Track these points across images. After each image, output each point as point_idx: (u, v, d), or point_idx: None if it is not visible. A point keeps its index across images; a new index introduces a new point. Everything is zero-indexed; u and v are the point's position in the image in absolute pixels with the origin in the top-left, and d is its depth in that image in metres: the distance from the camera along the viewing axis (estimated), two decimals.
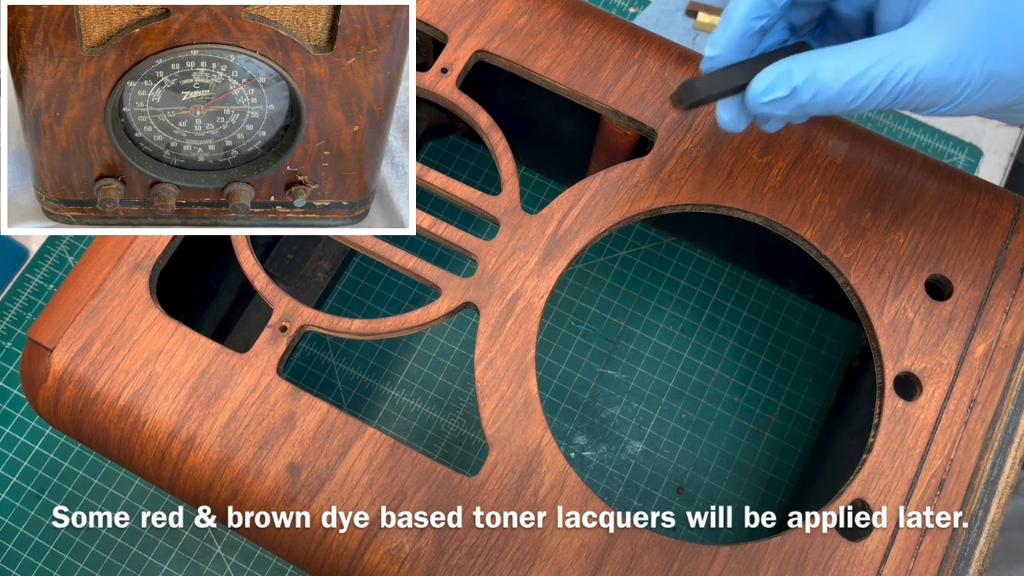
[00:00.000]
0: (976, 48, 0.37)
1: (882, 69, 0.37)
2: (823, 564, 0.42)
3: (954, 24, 0.37)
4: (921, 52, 0.37)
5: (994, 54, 0.37)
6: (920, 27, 0.37)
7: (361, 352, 0.64)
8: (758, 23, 0.39)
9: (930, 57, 0.37)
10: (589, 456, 0.61)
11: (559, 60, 0.51)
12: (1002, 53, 0.37)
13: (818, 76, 0.38)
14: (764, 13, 0.39)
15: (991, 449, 0.44)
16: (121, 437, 0.45)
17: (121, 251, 0.47)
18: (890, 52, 0.37)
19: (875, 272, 0.47)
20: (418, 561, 0.42)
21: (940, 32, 0.37)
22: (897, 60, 0.37)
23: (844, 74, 0.37)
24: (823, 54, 0.38)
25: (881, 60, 0.37)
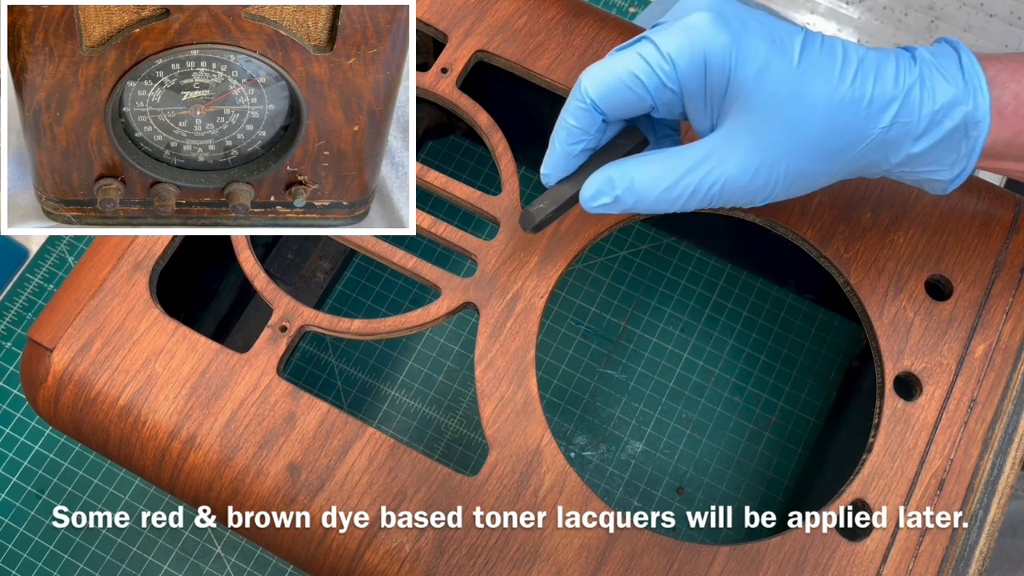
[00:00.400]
0: (775, 156, 0.40)
1: (691, 180, 0.40)
2: (823, 564, 0.42)
3: (751, 135, 0.40)
4: (724, 164, 0.40)
5: (793, 157, 0.40)
6: (722, 139, 0.40)
7: (361, 352, 0.64)
8: (577, 147, 0.42)
9: (733, 169, 0.40)
10: (589, 456, 0.61)
11: (559, 60, 0.51)
12: (800, 154, 0.40)
13: (635, 187, 0.41)
14: (579, 139, 0.42)
15: (991, 449, 0.44)
16: (121, 437, 0.45)
17: (121, 251, 0.47)
18: (697, 164, 0.40)
19: (875, 272, 0.47)
20: (418, 561, 0.42)
21: (739, 145, 0.40)
22: (704, 171, 0.40)
23: (658, 184, 0.41)
24: (640, 163, 0.41)
25: (689, 172, 0.40)
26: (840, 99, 0.39)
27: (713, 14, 0.39)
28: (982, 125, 0.40)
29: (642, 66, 0.40)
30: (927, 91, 0.40)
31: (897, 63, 0.40)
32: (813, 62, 0.39)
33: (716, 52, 0.39)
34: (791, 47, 0.39)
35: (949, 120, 0.40)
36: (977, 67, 0.40)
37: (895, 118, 0.40)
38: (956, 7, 0.77)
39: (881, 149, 0.41)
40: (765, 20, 0.40)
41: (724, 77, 0.39)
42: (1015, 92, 0.40)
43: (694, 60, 0.39)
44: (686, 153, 0.41)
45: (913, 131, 0.40)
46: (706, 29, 0.39)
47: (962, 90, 0.40)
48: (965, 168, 0.42)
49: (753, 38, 0.39)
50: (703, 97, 0.40)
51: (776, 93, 0.39)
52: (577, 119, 0.42)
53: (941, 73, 0.40)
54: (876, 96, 0.39)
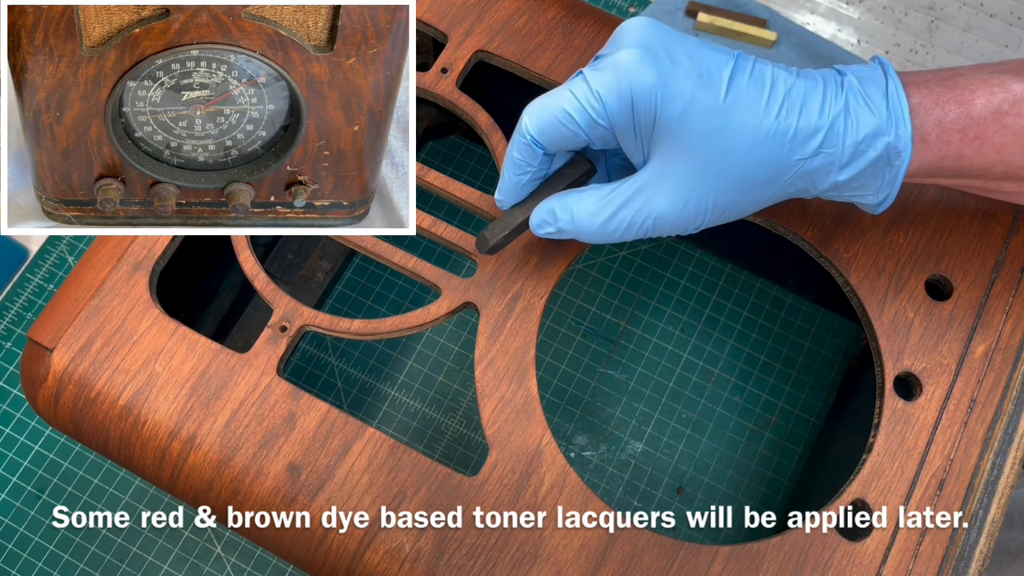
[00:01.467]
0: (703, 190, 0.41)
1: (625, 215, 0.42)
2: (823, 564, 0.42)
3: (679, 171, 0.41)
4: (654, 200, 0.41)
5: (720, 189, 0.41)
6: (650, 175, 0.42)
7: (361, 352, 0.64)
8: (524, 177, 0.44)
9: (663, 204, 0.41)
10: (589, 456, 0.61)
11: (559, 60, 0.51)
12: (727, 186, 0.41)
13: (575, 219, 0.43)
14: (524, 171, 0.44)
15: (991, 449, 0.44)
16: (121, 437, 0.45)
17: (121, 251, 0.47)
18: (628, 199, 0.42)
19: (875, 272, 0.47)
20: (418, 561, 0.42)
21: (667, 181, 0.41)
22: (636, 207, 0.42)
23: (595, 219, 0.42)
24: (579, 198, 0.43)
25: (623, 207, 0.42)
26: (765, 132, 0.40)
27: (641, 51, 0.40)
28: (904, 155, 0.41)
29: (574, 103, 0.41)
30: (851, 121, 0.41)
31: (824, 92, 0.41)
32: (739, 96, 0.40)
33: (642, 90, 0.40)
34: (718, 81, 0.40)
35: (872, 150, 0.41)
36: (902, 96, 0.41)
37: (819, 148, 0.41)
38: (956, 7, 0.77)
39: (807, 178, 0.41)
40: (696, 52, 0.41)
41: (651, 115, 0.40)
42: (938, 119, 0.41)
43: (622, 98, 0.40)
44: (620, 189, 0.42)
45: (837, 161, 0.41)
46: (633, 67, 0.40)
47: (885, 120, 0.41)
48: (890, 194, 0.43)
49: (680, 75, 0.40)
50: (633, 133, 0.41)
51: (701, 130, 0.40)
52: (520, 153, 0.43)
53: (866, 102, 0.41)
54: (800, 128, 0.40)
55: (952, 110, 0.41)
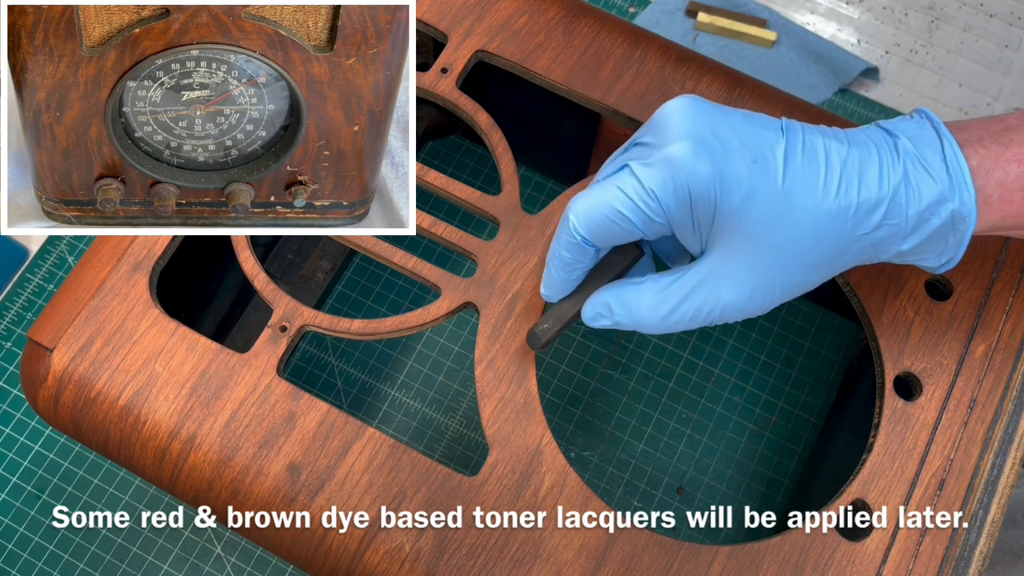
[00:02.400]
0: (769, 277, 0.40)
1: (689, 308, 0.41)
2: (823, 564, 0.42)
3: (743, 261, 0.40)
4: (720, 291, 0.40)
5: (787, 275, 0.40)
6: (714, 266, 0.40)
7: (361, 352, 0.64)
8: (574, 274, 0.43)
9: (729, 295, 0.40)
10: (589, 456, 0.61)
11: (559, 60, 0.51)
12: (792, 271, 0.40)
13: (634, 314, 0.42)
14: (574, 268, 0.43)
15: (991, 449, 0.44)
16: (121, 437, 0.45)
17: (121, 251, 0.47)
18: (691, 292, 0.41)
19: (875, 272, 0.47)
20: (418, 561, 0.42)
21: (732, 271, 0.40)
22: (700, 299, 0.41)
23: (657, 312, 0.41)
24: (636, 291, 0.42)
25: (685, 300, 0.41)
26: (827, 212, 0.39)
27: (694, 143, 0.39)
28: (969, 220, 0.40)
29: (627, 202, 0.40)
30: (912, 191, 0.40)
31: (880, 161, 0.40)
32: (797, 177, 0.39)
33: (700, 186, 0.39)
34: (774, 164, 0.39)
35: (936, 218, 0.40)
36: (961, 159, 0.40)
37: (882, 221, 0.40)
38: (956, 7, 0.77)
39: (871, 250, 0.41)
40: (745, 133, 0.40)
41: (711, 208, 0.39)
42: (999, 180, 0.40)
43: (679, 194, 0.39)
44: (680, 281, 0.41)
45: (901, 231, 0.40)
46: (688, 162, 0.39)
47: (947, 187, 0.40)
48: (954, 257, 0.42)
49: (736, 163, 0.39)
50: (691, 226, 0.40)
51: (763, 218, 0.39)
52: (570, 252, 0.42)
53: (925, 168, 0.40)
54: (862, 203, 0.39)
55: (1013, 169, 0.40)
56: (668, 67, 0.51)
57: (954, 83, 0.74)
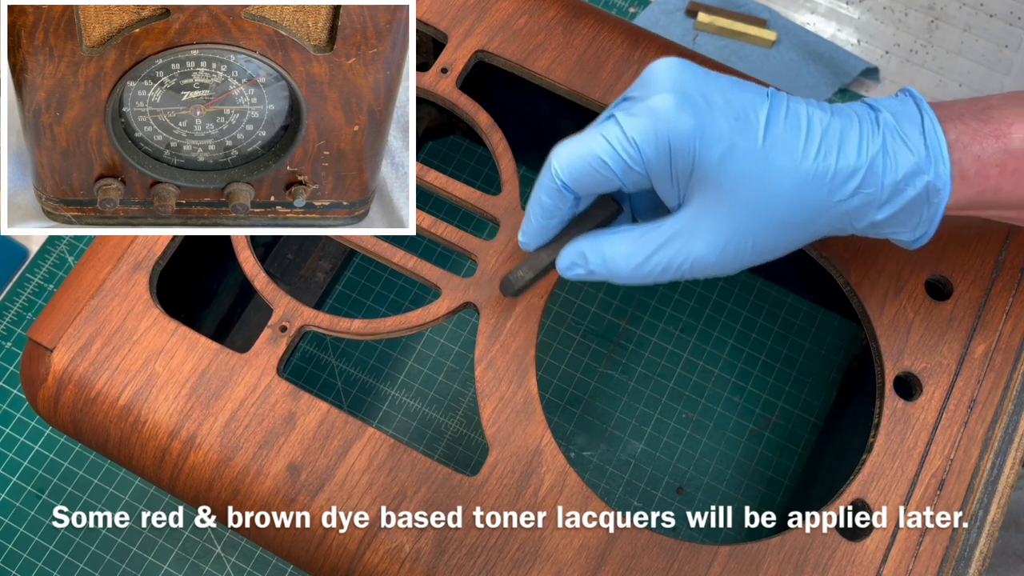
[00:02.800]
0: (742, 234, 0.41)
1: (661, 259, 0.41)
2: (823, 564, 0.42)
3: (717, 216, 0.40)
4: (692, 244, 0.41)
5: (759, 233, 0.41)
6: (689, 219, 0.41)
7: (361, 352, 0.64)
8: (552, 221, 0.43)
9: (701, 248, 0.41)
10: (589, 456, 0.61)
11: (559, 60, 0.51)
12: (765, 230, 0.41)
13: (608, 263, 0.42)
14: (553, 215, 0.43)
15: (991, 449, 0.44)
16: (121, 437, 0.45)
17: (121, 251, 0.47)
18: (665, 243, 0.41)
19: (875, 272, 0.47)
20: (418, 561, 0.42)
21: (706, 225, 0.41)
22: (673, 251, 0.41)
23: (629, 262, 0.42)
24: (611, 240, 0.42)
25: (658, 251, 0.41)
26: (804, 174, 0.40)
27: (677, 96, 0.40)
28: (943, 192, 0.41)
29: (608, 149, 0.40)
30: (889, 160, 0.40)
31: (861, 131, 0.40)
32: (777, 139, 0.40)
33: (680, 137, 0.39)
34: (756, 124, 0.40)
35: (911, 189, 0.40)
36: (939, 133, 0.40)
37: (858, 189, 0.40)
38: (956, 7, 0.77)
39: (845, 218, 0.41)
40: (730, 93, 0.40)
41: (689, 161, 0.40)
42: (976, 154, 0.41)
43: (659, 145, 0.40)
44: (655, 232, 0.42)
45: (876, 200, 0.41)
46: (670, 113, 0.39)
47: (924, 158, 0.40)
48: (928, 231, 0.42)
49: (718, 119, 0.39)
50: (670, 178, 0.41)
51: (740, 175, 0.40)
52: (550, 197, 0.42)
53: (903, 140, 0.40)
54: (840, 169, 0.40)
55: (990, 145, 0.41)
56: None
57: (954, 83, 0.74)
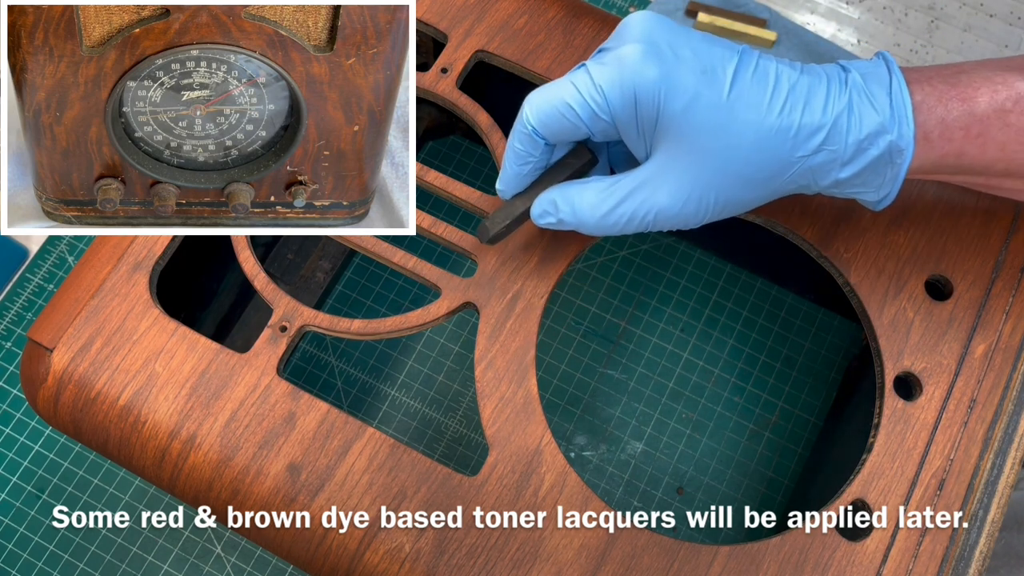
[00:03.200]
0: (704, 186, 0.41)
1: (626, 209, 0.42)
2: (823, 564, 0.42)
3: (680, 167, 0.41)
4: (656, 195, 0.42)
5: (722, 187, 0.41)
6: (652, 170, 0.42)
7: (361, 352, 0.64)
8: (525, 167, 0.44)
9: (664, 200, 0.42)
10: (589, 456, 0.61)
11: (559, 60, 0.51)
12: (728, 183, 0.41)
13: (576, 211, 0.43)
14: (526, 161, 0.44)
15: (991, 449, 0.44)
16: (121, 437, 0.45)
17: (121, 251, 0.47)
18: (630, 193, 0.42)
19: (875, 272, 0.47)
20: (418, 561, 0.42)
21: (669, 176, 0.41)
22: (638, 201, 0.42)
23: (596, 211, 0.42)
24: (580, 190, 0.43)
25: (623, 201, 0.42)
26: (768, 129, 0.40)
27: (645, 46, 0.40)
28: (906, 153, 0.41)
29: (576, 96, 0.41)
30: (854, 119, 0.40)
31: (828, 89, 0.41)
32: (743, 92, 0.40)
33: (645, 86, 0.40)
34: (722, 77, 0.40)
35: (874, 148, 0.41)
36: (905, 94, 0.41)
37: (822, 145, 0.40)
38: (956, 7, 0.77)
39: (808, 175, 0.42)
40: (700, 47, 0.41)
41: (654, 110, 0.40)
42: (941, 116, 0.41)
43: (624, 93, 0.40)
44: (621, 183, 0.42)
45: (840, 158, 0.41)
46: (636, 63, 0.40)
47: (888, 118, 0.41)
48: (891, 191, 0.43)
49: (684, 71, 0.40)
50: (635, 128, 0.41)
51: (704, 126, 0.40)
52: (522, 143, 0.43)
53: (869, 100, 0.41)
54: (804, 125, 0.40)
55: (955, 108, 0.41)
56: None
57: None
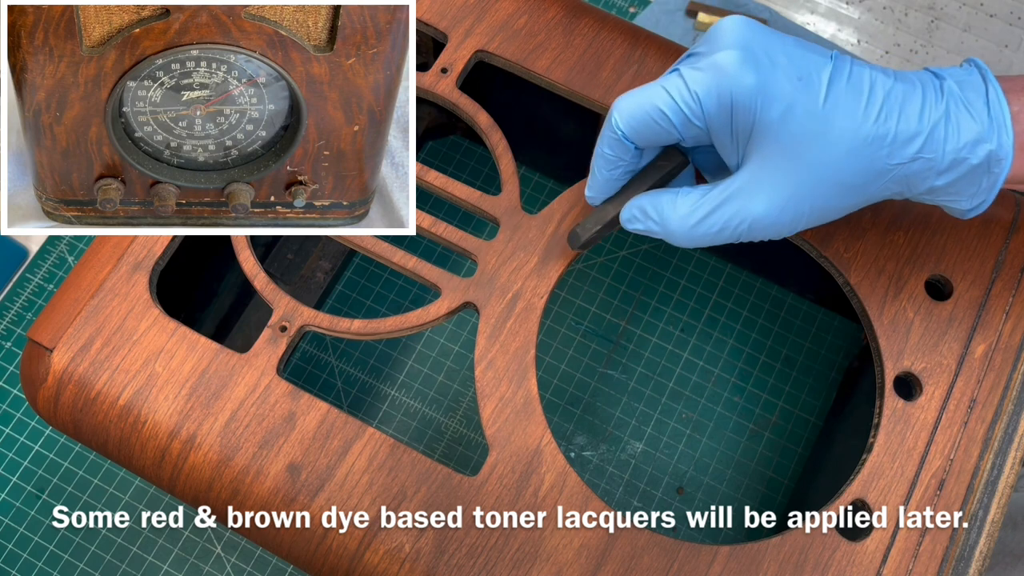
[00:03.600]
0: (800, 195, 0.41)
1: (718, 219, 0.42)
2: (823, 564, 0.42)
3: (776, 176, 0.41)
4: (750, 205, 0.41)
5: (817, 195, 0.41)
6: (747, 179, 0.41)
7: (361, 352, 0.64)
8: (615, 172, 0.44)
9: (759, 209, 0.41)
10: (589, 456, 0.61)
11: (559, 60, 0.51)
12: (823, 192, 0.41)
13: (665, 221, 0.42)
14: (616, 166, 0.43)
15: (991, 449, 0.44)
16: (121, 437, 0.45)
17: (121, 251, 0.47)
18: (722, 203, 0.41)
19: (875, 272, 0.47)
20: (418, 561, 0.42)
21: (764, 185, 0.41)
22: (731, 211, 0.41)
23: (686, 222, 0.42)
24: (670, 199, 0.42)
25: (715, 211, 0.41)
26: (864, 137, 0.40)
27: (742, 52, 0.40)
28: (1004, 163, 0.41)
29: (669, 102, 0.41)
30: (952, 127, 0.40)
31: (923, 97, 0.40)
32: (839, 100, 0.40)
33: (742, 94, 0.39)
34: (818, 84, 0.40)
35: (973, 157, 0.40)
36: (1003, 102, 0.40)
37: (918, 153, 0.40)
38: (956, 7, 0.77)
39: (903, 182, 0.41)
40: (794, 53, 0.41)
41: (750, 118, 0.40)
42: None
43: (721, 100, 0.40)
44: (713, 192, 0.42)
45: (936, 167, 0.41)
46: (734, 70, 0.39)
47: (987, 128, 0.40)
48: (985, 200, 0.42)
49: (780, 78, 0.40)
50: (729, 135, 0.41)
51: (801, 134, 0.40)
52: (611, 148, 0.43)
53: (967, 108, 0.40)
54: (900, 132, 0.40)
55: None
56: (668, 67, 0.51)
57: None
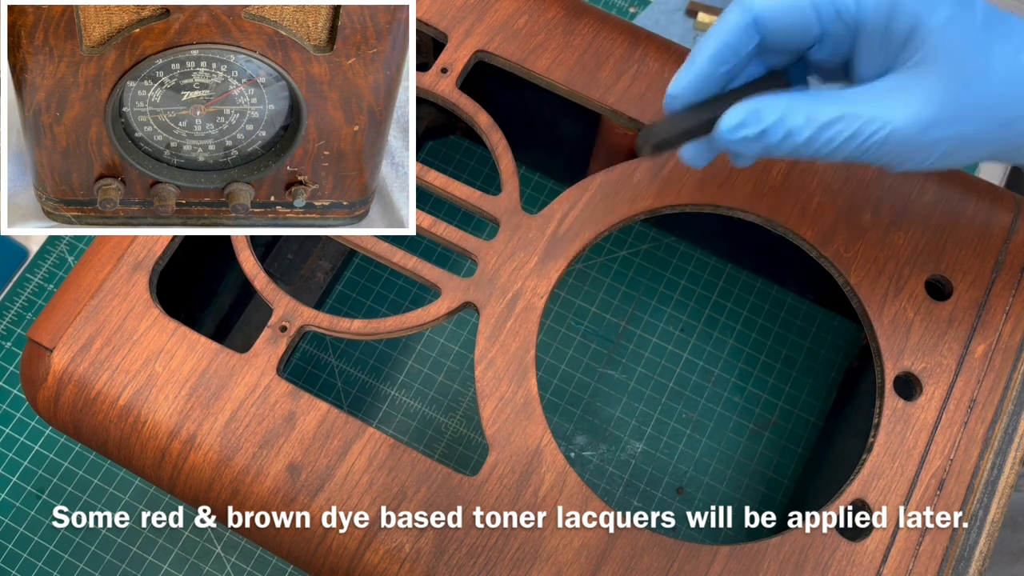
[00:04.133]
0: (951, 112, 0.37)
1: (854, 122, 0.37)
2: (823, 564, 0.42)
3: (930, 87, 0.37)
4: (895, 111, 0.37)
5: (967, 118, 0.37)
6: (896, 85, 0.37)
7: (361, 352, 0.64)
8: (722, 67, 0.38)
9: (904, 118, 0.37)
10: (589, 456, 0.61)
11: (559, 60, 0.51)
12: (974, 116, 0.37)
13: (787, 120, 0.37)
14: (727, 60, 0.38)
15: (991, 449, 0.44)
16: (121, 437, 0.45)
17: (121, 251, 0.47)
18: (864, 106, 0.37)
19: (875, 272, 0.47)
20: (418, 561, 0.42)
21: (915, 94, 0.37)
22: (871, 115, 0.37)
23: (814, 121, 0.37)
24: (794, 98, 0.37)
25: (854, 113, 0.37)
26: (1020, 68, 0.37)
27: None
28: None
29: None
30: None
31: None
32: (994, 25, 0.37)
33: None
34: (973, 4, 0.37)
35: None
36: None
37: None
38: None
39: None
40: None
41: (910, 21, 0.36)
42: None
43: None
44: (851, 93, 0.37)
45: None
46: None
47: None
48: None
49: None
50: (880, 38, 0.37)
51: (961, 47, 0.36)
52: (733, 35, 0.37)
53: None
54: None
55: None
56: (668, 67, 0.51)
57: None
